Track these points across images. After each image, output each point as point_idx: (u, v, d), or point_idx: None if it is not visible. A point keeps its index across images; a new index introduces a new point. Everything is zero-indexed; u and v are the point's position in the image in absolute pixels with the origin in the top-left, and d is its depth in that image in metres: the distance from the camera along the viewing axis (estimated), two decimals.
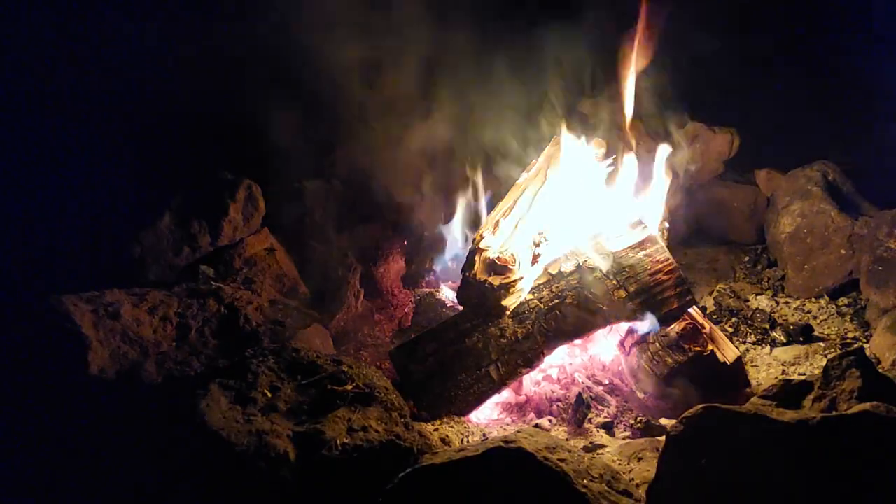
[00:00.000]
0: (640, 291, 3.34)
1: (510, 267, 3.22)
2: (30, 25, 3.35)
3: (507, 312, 3.27)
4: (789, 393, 2.33)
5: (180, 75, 3.52)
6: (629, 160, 3.81)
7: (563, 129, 3.60)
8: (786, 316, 4.02)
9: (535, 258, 3.35)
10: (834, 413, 2.10)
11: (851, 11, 4.93)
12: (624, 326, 3.43)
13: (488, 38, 4.27)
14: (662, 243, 3.52)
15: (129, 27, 3.45)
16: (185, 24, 3.45)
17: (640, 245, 3.47)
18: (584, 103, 4.77)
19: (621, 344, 3.48)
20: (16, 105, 3.28)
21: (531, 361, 3.19)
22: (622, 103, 3.92)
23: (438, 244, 4.37)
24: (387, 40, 3.95)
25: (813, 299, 4.14)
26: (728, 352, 3.34)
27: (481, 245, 3.28)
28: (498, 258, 3.23)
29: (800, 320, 3.94)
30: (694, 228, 4.81)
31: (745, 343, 3.80)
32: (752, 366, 3.60)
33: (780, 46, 4.95)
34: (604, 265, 3.39)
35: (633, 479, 2.50)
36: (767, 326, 3.88)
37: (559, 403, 3.27)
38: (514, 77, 4.36)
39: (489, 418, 3.23)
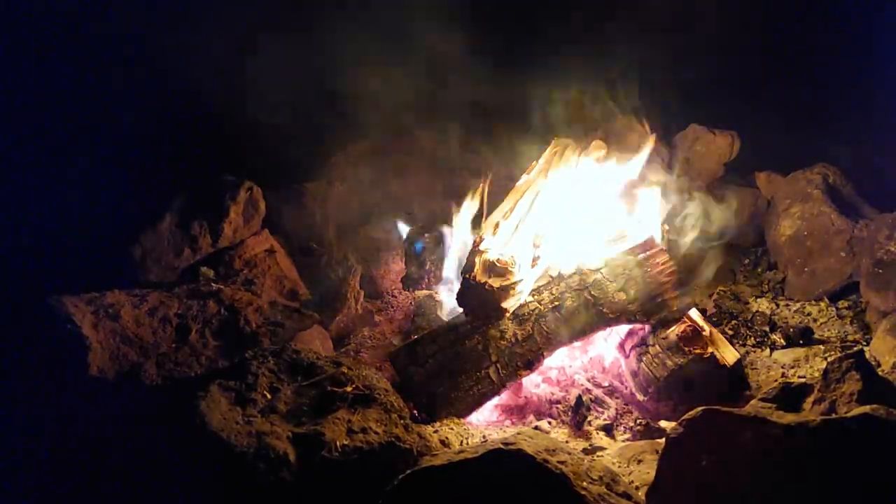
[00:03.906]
0: (641, 293, 3.34)
1: (510, 269, 3.22)
2: (33, 25, 3.36)
3: (507, 314, 3.27)
4: (789, 395, 2.33)
5: (183, 77, 3.53)
6: (630, 162, 3.81)
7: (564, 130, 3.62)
8: (786, 318, 4.01)
9: (535, 260, 3.35)
10: (834, 416, 2.10)
11: (851, 13, 4.93)
12: (624, 328, 3.43)
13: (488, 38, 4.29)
14: (662, 246, 3.53)
15: (134, 29, 3.47)
16: (188, 27, 3.46)
17: (641, 247, 3.48)
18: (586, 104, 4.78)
19: (621, 346, 3.48)
20: (18, 105, 3.28)
21: (531, 363, 3.19)
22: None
23: (439, 246, 4.37)
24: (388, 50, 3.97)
25: (813, 302, 4.13)
26: (728, 354, 3.34)
27: (481, 247, 3.28)
28: (498, 260, 3.22)
29: (800, 323, 3.93)
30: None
31: (744, 345, 3.80)
32: (752, 368, 3.59)
33: (781, 48, 4.96)
34: (604, 267, 3.39)
35: (632, 482, 2.50)
36: (767, 329, 3.87)
37: (559, 405, 3.27)
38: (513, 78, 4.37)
39: (489, 420, 3.23)
